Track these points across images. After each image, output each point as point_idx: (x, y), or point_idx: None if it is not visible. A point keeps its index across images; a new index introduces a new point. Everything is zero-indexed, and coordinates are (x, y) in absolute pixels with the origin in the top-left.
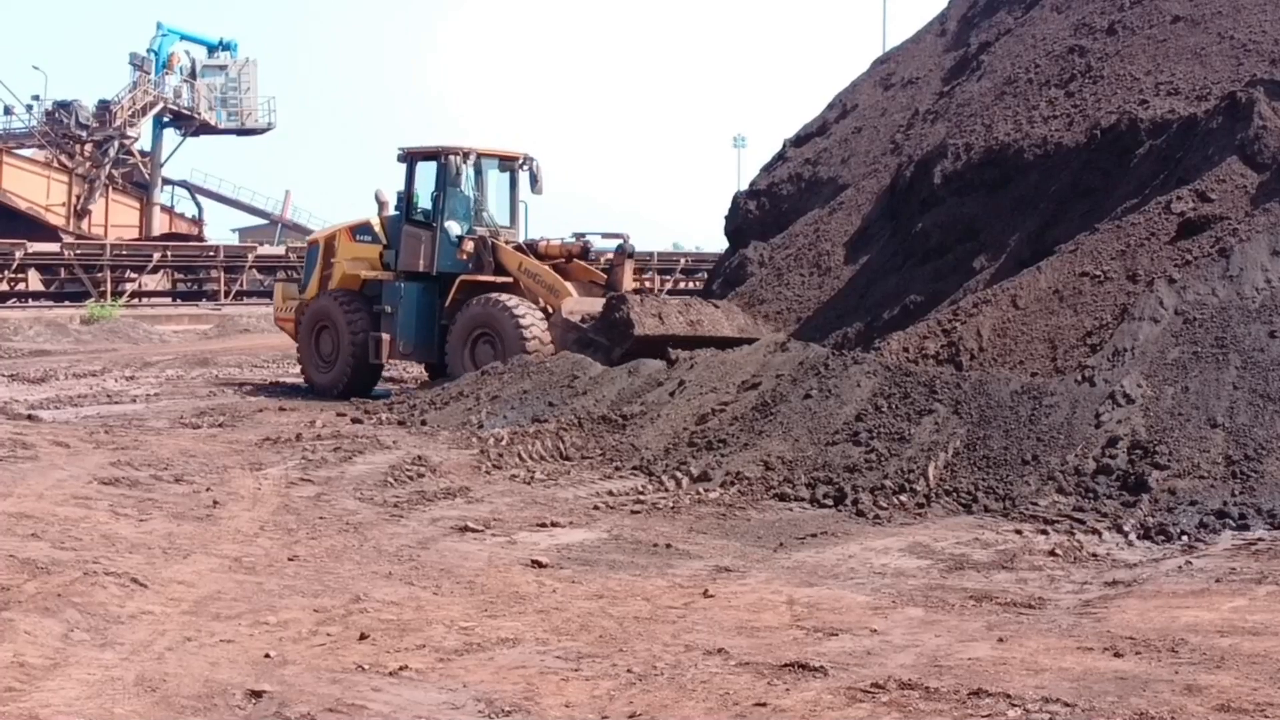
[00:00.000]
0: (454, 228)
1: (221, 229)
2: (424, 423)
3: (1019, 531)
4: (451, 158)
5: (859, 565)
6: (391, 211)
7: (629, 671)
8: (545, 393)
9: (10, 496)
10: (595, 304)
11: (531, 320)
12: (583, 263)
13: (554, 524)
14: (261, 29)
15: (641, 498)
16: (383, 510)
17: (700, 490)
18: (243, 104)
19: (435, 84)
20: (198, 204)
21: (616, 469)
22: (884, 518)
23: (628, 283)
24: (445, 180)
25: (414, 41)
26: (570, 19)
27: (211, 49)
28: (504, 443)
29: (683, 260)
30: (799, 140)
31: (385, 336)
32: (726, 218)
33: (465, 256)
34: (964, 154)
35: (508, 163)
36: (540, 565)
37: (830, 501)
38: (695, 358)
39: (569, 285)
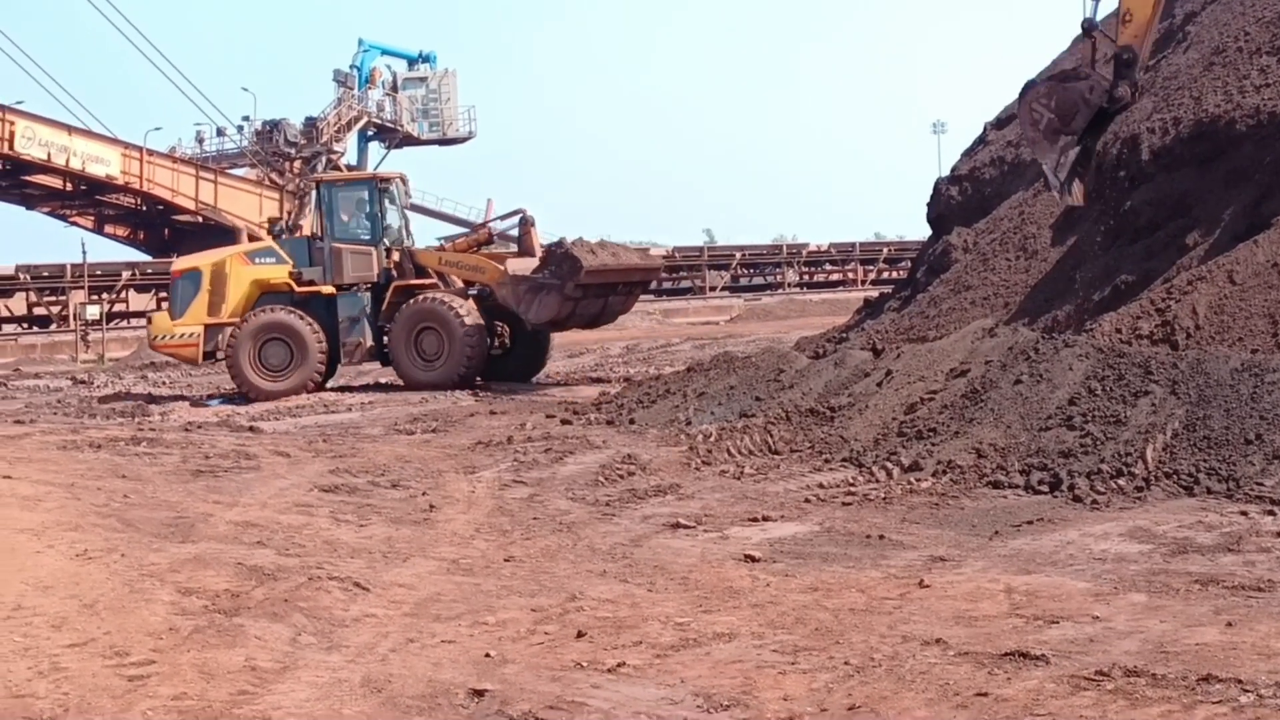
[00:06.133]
0: (387, 240)
1: (426, 238)
2: (632, 421)
3: (1244, 513)
4: (389, 184)
5: (1078, 551)
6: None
7: (846, 664)
8: (751, 387)
9: (236, 506)
10: (529, 263)
11: (468, 309)
12: (491, 248)
13: (765, 518)
14: (460, 39)
15: (852, 489)
16: (595, 509)
17: (912, 480)
18: (443, 114)
19: (642, 88)
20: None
21: (826, 461)
22: (1102, 502)
23: (537, 246)
24: (381, 202)
25: (616, 48)
26: (775, 17)
27: (411, 62)
28: (712, 439)
29: (885, 250)
30: (1000, 123)
31: (361, 341)
32: (929, 204)
33: (393, 266)
34: (1173, 128)
35: (399, 182)
36: (753, 560)
37: (1045, 488)
38: (901, 348)
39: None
